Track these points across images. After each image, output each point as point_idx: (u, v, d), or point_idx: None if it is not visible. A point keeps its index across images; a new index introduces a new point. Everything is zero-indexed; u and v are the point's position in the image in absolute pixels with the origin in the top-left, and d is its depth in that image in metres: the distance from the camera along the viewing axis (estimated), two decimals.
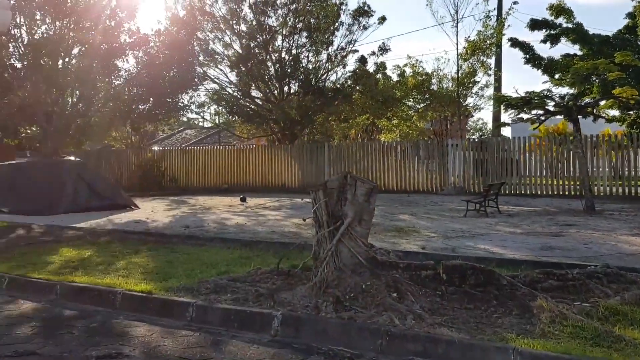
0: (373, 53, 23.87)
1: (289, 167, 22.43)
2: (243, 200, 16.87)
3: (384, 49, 23.65)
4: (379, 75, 23.86)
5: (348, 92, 22.65)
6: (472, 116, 33.24)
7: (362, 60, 23.55)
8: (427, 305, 4.79)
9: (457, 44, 27.71)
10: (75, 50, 17.34)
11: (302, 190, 21.13)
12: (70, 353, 4.08)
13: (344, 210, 5.33)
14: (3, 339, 4.37)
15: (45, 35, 16.34)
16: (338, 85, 23.53)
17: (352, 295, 4.96)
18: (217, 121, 27.95)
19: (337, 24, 23.34)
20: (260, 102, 24.86)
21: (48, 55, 15.74)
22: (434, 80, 24.71)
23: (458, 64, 23.40)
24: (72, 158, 16.40)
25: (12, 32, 15.75)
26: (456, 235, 8.84)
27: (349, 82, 23.53)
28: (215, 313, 4.96)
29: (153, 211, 14.17)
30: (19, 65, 16.76)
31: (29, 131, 17.33)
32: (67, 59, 16.92)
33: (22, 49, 16.37)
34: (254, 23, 23.42)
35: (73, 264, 6.89)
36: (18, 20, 16.21)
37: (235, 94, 24.92)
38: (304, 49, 23.36)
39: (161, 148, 31.25)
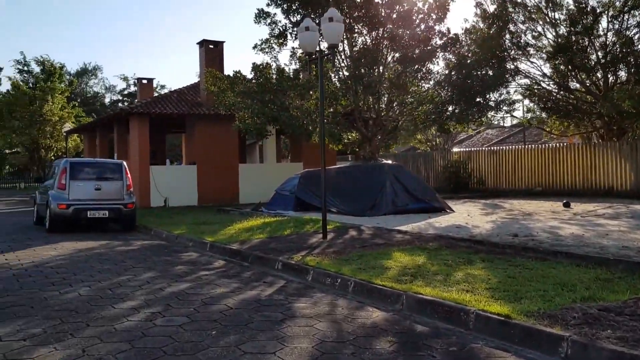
0: None
1: (618, 167, 19.40)
2: (567, 205, 15.06)
3: None
4: None
5: None
6: None
7: None
8: None
9: None
10: (389, 58, 17.98)
11: (637, 195, 18.02)
12: None
13: None
14: (366, 354, 4.21)
15: (363, 46, 17.34)
16: None
17: None
18: (527, 119, 26.06)
19: None
20: (579, 95, 22.17)
21: (367, 64, 16.65)
22: None
23: None
24: (389, 161, 17.03)
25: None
26: None
27: None
28: (600, 354, 3.96)
29: (469, 215, 13.62)
30: (342, 76, 18.16)
31: (349, 137, 18.66)
32: (381, 68, 17.64)
33: (345, 60, 17.71)
34: (572, 7, 20.98)
35: (410, 272, 6.68)
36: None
37: (549, 87, 22.78)
38: (636, 29, 19.93)
39: (463, 149, 30.75)
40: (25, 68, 39.17)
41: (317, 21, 14.76)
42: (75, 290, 6.50)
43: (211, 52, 22.22)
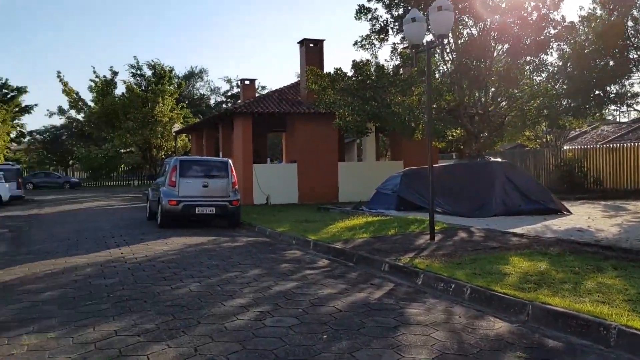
0: None
1: None
2: None
3: None
4: None
5: None
6: None
7: None
8: None
9: None
10: (498, 50, 17.00)
11: None
12: None
13: None
14: None
15: (470, 38, 16.53)
16: None
17: None
18: None
19: None
20: None
21: (473, 57, 15.84)
22: None
23: None
24: (499, 159, 16.12)
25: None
26: None
27: None
28: None
29: (590, 218, 12.51)
30: (446, 69, 17.44)
31: (454, 134, 17.90)
32: (487, 61, 16.72)
33: (450, 54, 16.97)
34: None
35: (533, 279, 6.10)
36: None
37: None
38: None
39: (577, 146, 28.65)
40: (138, 72, 41.78)
41: (422, 13, 14.23)
42: (186, 286, 6.58)
43: (311, 50, 22.30)
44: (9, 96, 45.69)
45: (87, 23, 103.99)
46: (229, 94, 63.50)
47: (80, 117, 39.86)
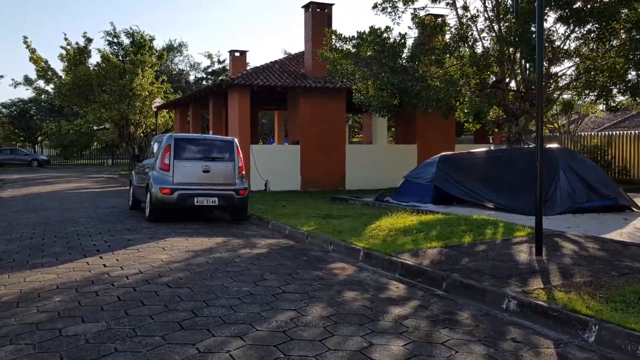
0: None
1: None
2: None
3: None
4: None
5: None
6: None
7: None
8: None
9: None
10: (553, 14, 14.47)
11: None
12: None
13: None
14: None
15: None
16: None
17: None
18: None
19: None
20: None
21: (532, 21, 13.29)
22: None
23: None
24: (555, 145, 13.75)
25: None
26: None
27: None
28: None
29: None
30: (494, 36, 14.83)
31: (490, 114, 15.45)
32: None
33: (499, 18, 14.42)
34: None
35: None
36: None
37: None
38: None
39: (602, 133, 26.64)
40: (115, 40, 38.26)
41: None
42: (223, 347, 3.95)
43: (318, 16, 19.53)
44: None
45: None
46: (210, 70, 59.95)
47: (49, 88, 36.10)
